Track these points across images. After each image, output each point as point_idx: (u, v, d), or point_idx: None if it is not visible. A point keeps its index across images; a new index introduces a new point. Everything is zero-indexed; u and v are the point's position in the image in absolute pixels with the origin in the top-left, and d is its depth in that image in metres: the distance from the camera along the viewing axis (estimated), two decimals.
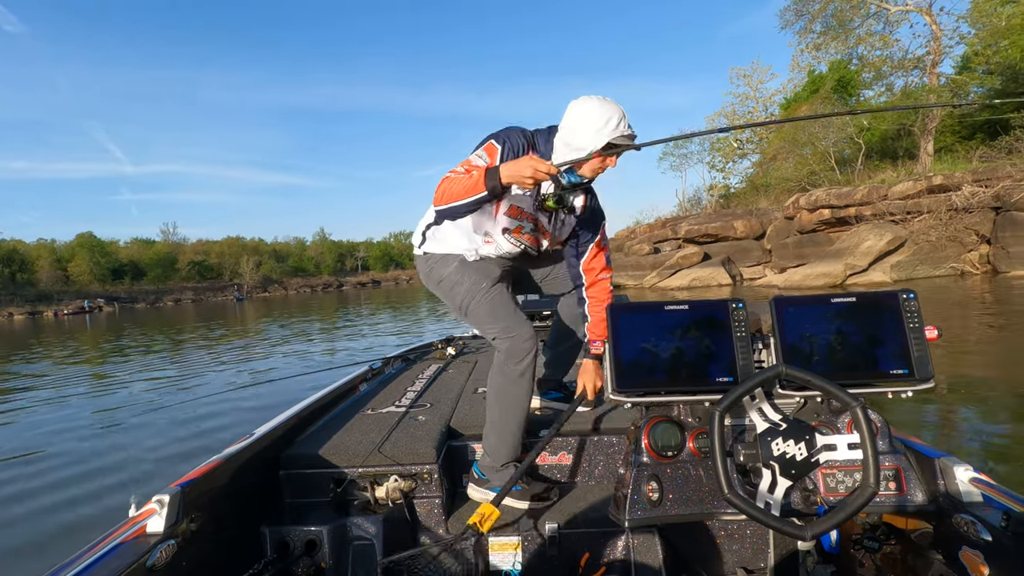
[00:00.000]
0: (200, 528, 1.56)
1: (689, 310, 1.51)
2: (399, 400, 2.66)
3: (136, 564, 1.28)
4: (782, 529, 1.26)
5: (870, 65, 28.06)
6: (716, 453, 1.29)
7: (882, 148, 27.57)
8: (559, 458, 2.14)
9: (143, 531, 1.39)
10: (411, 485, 1.95)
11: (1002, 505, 1.33)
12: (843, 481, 1.43)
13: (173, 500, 1.45)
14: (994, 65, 22.89)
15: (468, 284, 2.11)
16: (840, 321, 1.47)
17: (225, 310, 38.59)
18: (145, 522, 1.41)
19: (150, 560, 1.32)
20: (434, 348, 4.17)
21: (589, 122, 1.82)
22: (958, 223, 18.80)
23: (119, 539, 1.34)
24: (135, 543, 1.35)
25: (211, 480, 1.67)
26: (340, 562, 1.79)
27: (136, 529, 1.39)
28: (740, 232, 25.16)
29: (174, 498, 1.46)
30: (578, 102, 1.88)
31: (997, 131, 22.25)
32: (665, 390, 1.49)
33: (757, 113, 42.53)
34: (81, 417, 6.82)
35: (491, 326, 2.06)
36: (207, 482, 1.65)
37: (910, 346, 1.43)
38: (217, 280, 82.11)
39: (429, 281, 2.24)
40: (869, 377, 1.45)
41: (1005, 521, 1.28)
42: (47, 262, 69.33)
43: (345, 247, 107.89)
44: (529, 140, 1.96)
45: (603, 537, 1.85)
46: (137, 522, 1.41)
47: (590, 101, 1.85)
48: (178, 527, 1.45)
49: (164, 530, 1.40)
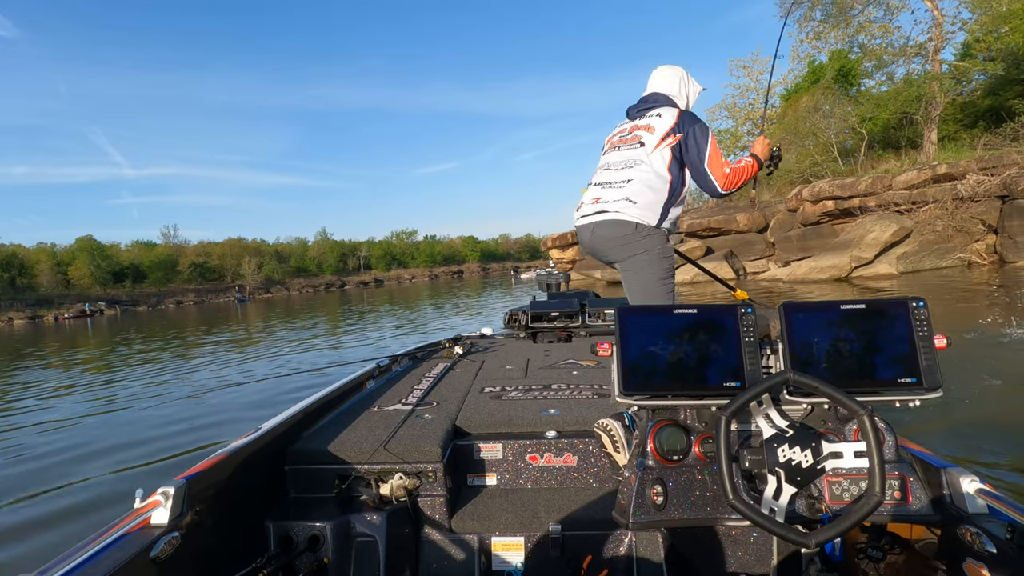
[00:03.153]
0: (204, 521, 1.58)
1: (697, 314, 1.50)
2: (406, 398, 2.66)
3: (140, 555, 1.29)
4: (786, 536, 1.25)
5: (871, 53, 27.80)
6: (722, 458, 1.29)
7: (884, 138, 27.34)
8: (563, 459, 2.13)
9: (147, 523, 1.41)
10: (416, 483, 1.95)
11: (1008, 517, 1.33)
12: (848, 489, 1.40)
13: (178, 492, 1.47)
14: (996, 52, 22.64)
15: (672, 261, 2.74)
16: (849, 328, 1.46)
17: (228, 312, 38.48)
18: (150, 514, 1.43)
19: (154, 551, 1.33)
20: (442, 347, 4.15)
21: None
22: (964, 213, 18.54)
23: (123, 530, 1.36)
24: (139, 534, 1.37)
25: (216, 473, 1.69)
26: (343, 558, 1.79)
27: (140, 520, 1.41)
28: (743, 225, 24.92)
29: (179, 490, 1.48)
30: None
31: (1001, 117, 22.00)
32: (672, 393, 1.48)
33: (758, 105, 42.25)
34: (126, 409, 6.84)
35: (670, 302, 2.45)
36: (212, 475, 1.67)
37: (919, 354, 1.42)
38: (219, 282, 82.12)
39: (651, 251, 2.64)
40: (877, 385, 1.43)
41: (1010, 533, 1.28)
42: (47, 266, 69.32)
43: (347, 247, 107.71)
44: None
45: (606, 539, 1.86)
46: (142, 513, 1.43)
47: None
48: (182, 519, 1.47)
49: (168, 522, 1.42)
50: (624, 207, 2.63)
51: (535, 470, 2.13)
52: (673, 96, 2.81)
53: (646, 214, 2.62)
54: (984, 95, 25.37)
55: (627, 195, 2.64)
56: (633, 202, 2.62)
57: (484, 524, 1.93)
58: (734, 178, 2.57)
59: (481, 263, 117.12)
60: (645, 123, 2.71)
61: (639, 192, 2.63)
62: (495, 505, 1.99)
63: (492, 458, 2.15)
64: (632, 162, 2.68)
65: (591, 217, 2.76)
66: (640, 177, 2.64)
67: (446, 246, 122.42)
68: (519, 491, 2.10)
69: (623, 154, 2.74)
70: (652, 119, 2.69)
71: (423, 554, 1.91)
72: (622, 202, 2.64)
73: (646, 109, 2.78)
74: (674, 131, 2.61)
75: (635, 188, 2.64)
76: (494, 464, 2.15)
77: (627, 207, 2.62)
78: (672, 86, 2.83)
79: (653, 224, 2.63)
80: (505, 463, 2.14)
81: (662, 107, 2.73)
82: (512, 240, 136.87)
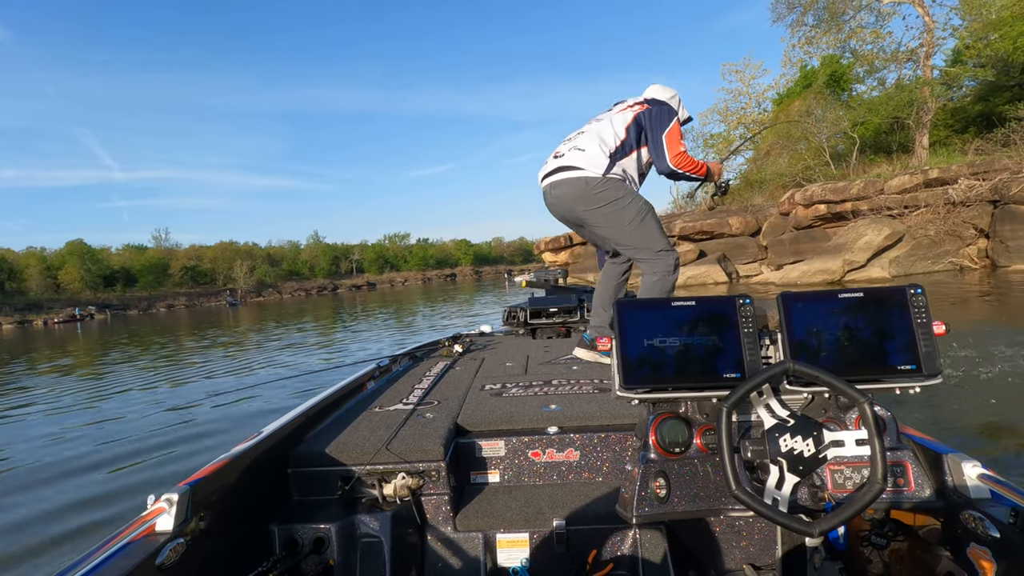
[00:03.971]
0: (209, 526, 1.56)
1: (696, 306, 1.50)
2: (406, 398, 2.66)
3: (146, 562, 1.28)
4: (790, 525, 1.25)
5: (862, 59, 27.98)
6: (724, 449, 1.30)
7: (876, 143, 27.49)
8: (566, 455, 2.12)
9: (152, 530, 1.39)
10: (419, 482, 1.94)
11: (1010, 502, 1.34)
12: (851, 477, 1.41)
13: (182, 499, 1.45)
14: (985, 58, 22.80)
15: (642, 202, 2.77)
16: (847, 316, 1.46)
17: (219, 316, 38.17)
18: (154, 521, 1.41)
19: (159, 559, 1.32)
20: (441, 345, 4.14)
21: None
22: (956, 217, 18.62)
23: (128, 538, 1.34)
24: (144, 542, 1.35)
25: (220, 478, 1.67)
26: (348, 559, 1.79)
27: (145, 528, 1.39)
28: (735, 229, 24.95)
29: (183, 497, 1.46)
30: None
31: (992, 123, 22.14)
32: (672, 386, 1.49)
33: (750, 109, 42.49)
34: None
35: (660, 240, 2.81)
36: (216, 480, 1.65)
37: (918, 341, 1.43)
38: (211, 285, 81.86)
39: (610, 202, 2.69)
40: (877, 372, 1.44)
41: (1013, 518, 1.29)
42: (37, 270, 68.92)
43: (339, 250, 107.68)
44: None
45: (611, 534, 1.86)
46: (146, 521, 1.41)
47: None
48: (187, 526, 1.45)
49: (173, 529, 1.40)
50: (573, 157, 2.74)
51: (538, 466, 2.13)
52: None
53: (593, 162, 2.70)
54: (974, 101, 25.58)
55: (576, 144, 2.77)
56: (581, 150, 2.73)
57: (488, 522, 1.93)
58: (685, 161, 2.68)
59: (474, 266, 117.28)
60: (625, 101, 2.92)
61: (589, 141, 2.74)
62: (499, 502, 1.99)
63: (494, 455, 2.15)
64: (595, 120, 2.87)
65: (548, 178, 2.87)
66: (594, 128, 2.79)
67: (439, 249, 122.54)
68: (522, 488, 2.09)
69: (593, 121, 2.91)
70: (627, 100, 2.91)
71: (428, 553, 1.91)
72: (572, 152, 2.75)
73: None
74: (644, 102, 2.80)
75: (586, 138, 2.76)
76: (497, 461, 2.15)
77: (576, 157, 2.73)
78: (664, 96, 2.92)
79: (600, 174, 2.69)
80: (508, 460, 2.14)
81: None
82: (505, 243, 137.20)
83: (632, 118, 2.73)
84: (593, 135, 2.75)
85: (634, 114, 2.73)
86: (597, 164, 2.70)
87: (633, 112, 2.74)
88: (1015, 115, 20.29)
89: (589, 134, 2.77)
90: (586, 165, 2.70)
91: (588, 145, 2.72)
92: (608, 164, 2.70)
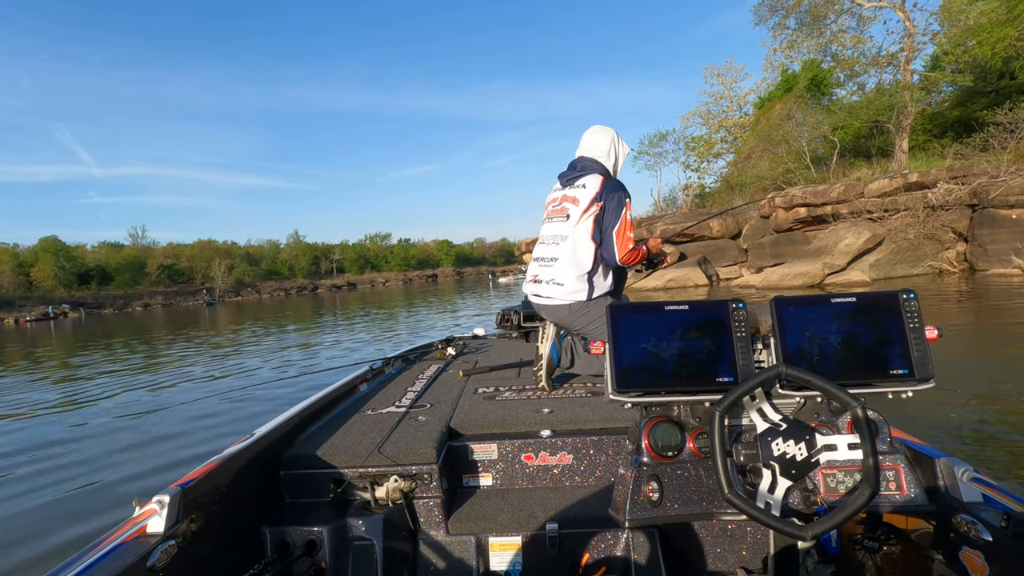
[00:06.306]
0: (200, 528, 1.56)
1: (689, 310, 1.50)
2: (399, 400, 2.68)
3: (136, 564, 1.28)
4: (782, 529, 1.25)
5: (843, 63, 28.12)
6: (716, 453, 1.29)
7: (855, 147, 27.64)
8: (559, 458, 2.13)
9: (143, 531, 1.40)
10: (411, 485, 1.95)
11: (1002, 505, 1.36)
12: (843, 481, 1.40)
13: (173, 500, 1.45)
14: (964, 64, 22.99)
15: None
16: (840, 321, 1.45)
17: (196, 316, 37.30)
18: (145, 522, 1.41)
19: (150, 560, 1.32)
20: (434, 348, 4.18)
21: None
22: (935, 221, 18.69)
23: (119, 539, 1.34)
24: (135, 543, 1.35)
25: (211, 480, 1.67)
26: (340, 562, 1.79)
27: (136, 529, 1.39)
28: (716, 231, 24.87)
29: (174, 498, 1.46)
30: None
31: (970, 128, 22.30)
32: (665, 390, 1.48)
33: (731, 112, 42.65)
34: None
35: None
36: (207, 482, 1.65)
37: (910, 346, 1.42)
38: (188, 284, 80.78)
39: (598, 318, 2.76)
40: (869, 377, 1.43)
41: (1005, 521, 1.30)
42: (8, 267, 67.46)
43: (320, 249, 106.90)
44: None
45: (603, 537, 1.88)
46: (137, 522, 1.41)
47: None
48: (178, 527, 1.46)
49: (164, 530, 1.40)
50: (554, 291, 2.86)
51: (530, 469, 2.13)
52: (601, 159, 2.97)
53: (574, 293, 2.81)
54: (952, 106, 25.80)
55: (554, 276, 2.87)
56: (560, 284, 2.84)
57: (481, 525, 1.93)
58: (632, 256, 2.80)
59: (456, 267, 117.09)
60: (572, 194, 2.92)
61: (564, 272, 2.84)
62: (491, 505, 1.99)
63: (487, 458, 2.16)
64: (559, 238, 2.92)
65: (533, 298, 3.01)
66: (564, 255, 2.86)
67: (420, 250, 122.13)
68: (515, 491, 2.10)
69: (553, 227, 2.97)
70: (578, 190, 2.90)
71: (420, 557, 1.92)
72: (552, 286, 2.87)
73: (575, 177, 2.95)
74: (596, 200, 2.82)
75: (561, 268, 2.85)
76: (489, 464, 2.15)
77: (556, 291, 2.85)
78: (602, 148, 2.99)
79: (584, 300, 2.80)
80: (500, 463, 2.15)
81: (588, 174, 2.91)
82: (487, 244, 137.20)
83: (593, 224, 2.81)
84: (567, 263, 2.84)
85: (593, 218, 2.81)
86: (579, 292, 2.81)
87: (592, 216, 2.81)
88: (993, 120, 20.42)
89: (563, 263, 2.86)
90: (567, 297, 2.82)
91: (566, 278, 2.82)
92: (588, 288, 2.80)
